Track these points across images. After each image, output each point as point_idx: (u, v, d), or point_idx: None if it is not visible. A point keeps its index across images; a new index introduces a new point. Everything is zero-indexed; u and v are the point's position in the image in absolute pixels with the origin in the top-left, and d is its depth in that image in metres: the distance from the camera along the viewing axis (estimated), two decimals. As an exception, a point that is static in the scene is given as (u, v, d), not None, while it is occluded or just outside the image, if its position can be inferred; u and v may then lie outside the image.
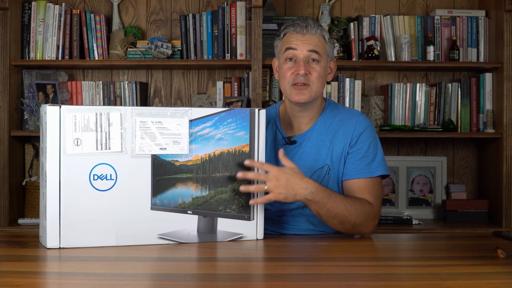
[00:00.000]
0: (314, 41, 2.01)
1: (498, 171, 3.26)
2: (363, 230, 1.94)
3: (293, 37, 2.02)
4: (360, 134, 2.02)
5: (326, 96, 3.29)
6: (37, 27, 3.30)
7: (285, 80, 2.03)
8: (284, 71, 2.03)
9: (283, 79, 2.04)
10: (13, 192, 3.24)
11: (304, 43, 2.00)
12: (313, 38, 2.01)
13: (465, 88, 3.37)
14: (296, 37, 2.01)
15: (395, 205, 3.49)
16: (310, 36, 2.01)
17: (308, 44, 2.00)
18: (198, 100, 3.48)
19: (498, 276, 1.46)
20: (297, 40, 2.01)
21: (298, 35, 2.01)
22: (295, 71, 2.00)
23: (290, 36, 2.03)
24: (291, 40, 2.02)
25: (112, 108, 1.74)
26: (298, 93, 2.01)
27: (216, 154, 1.82)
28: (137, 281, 1.42)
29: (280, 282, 1.42)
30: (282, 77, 2.04)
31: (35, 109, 3.28)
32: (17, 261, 1.60)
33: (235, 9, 3.32)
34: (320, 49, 2.01)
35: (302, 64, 1.99)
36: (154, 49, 3.28)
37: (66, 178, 1.69)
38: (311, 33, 2.01)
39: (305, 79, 1.99)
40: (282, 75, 2.04)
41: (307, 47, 2.00)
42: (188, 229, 1.81)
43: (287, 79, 2.02)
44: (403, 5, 3.54)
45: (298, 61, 2.00)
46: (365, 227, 1.94)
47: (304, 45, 2.00)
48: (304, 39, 2.00)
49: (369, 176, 1.99)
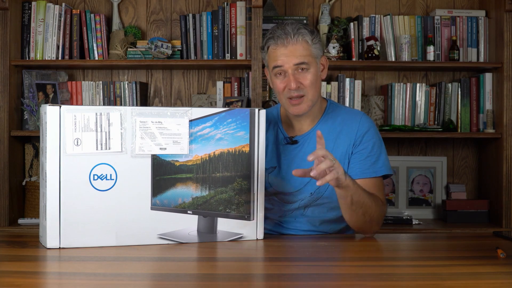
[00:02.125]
0: (298, 51, 1.96)
1: (498, 171, 3.26)
2: (374, 227, 1.94)
3: (277, 51, 1.97)
4: (364, 134, 2.02)
5: (326, 96, 3.29)
6: (37, 27, 3.30)
7: (279, 94, 2.02)
8: (277, 86, 2.01)
9: (277, 93, 2.03)
10: (13, 192, 3.24)
11: (289, 57, 1.95)
12: (297, 48, 1.96)
13: (465, 88, 3.37)
14: (279, 51, 1.96)
15: (395, 205, 3.49)
16: (292, 46, 1.95)
17: (292, 57, 1.95)
18: (198, 100, 3.48)
19: (498, 276, 1.46)
20: (282, 55, 1.96)
21: (281, 48, 1.96)
22: (287, 86, 1.98)
23: (273, 51, 1.98)
24: (276, 56, 1.97)
25: (112, 108, 1.74)
26: (296, 108, 1.99)
27: (216, 154, 1.82)
28: (137, 281, 1.43)
29: (280, 282, 1.42)
30: (276, 91, 2.03)
31: (35, 109, 3.28)
32: (17, 261, 1.60)
33: (235, 9, 3.32)
34: (306, 57, 1.96)
35: (292, 79, 1.96)
36: (154, 49, 3.28)
37: (66, 178, 1.69)
38: (293, 42, 1.95)
39: (298, 91, 1.97)
40: (275, 89, 2.03)
41: (293, 60, 1.95)
42: (188, 229, 1.81)
43: (281, 93, 2.01)
44: (403, 5, 3.54)
45: (287, 75, 1.97)
46: (376, 224, 1.94)
47: (289, 59, 1.96)
48: (287, 51, 1.95)
49: (374, 176, 1.99)
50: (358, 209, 1.87)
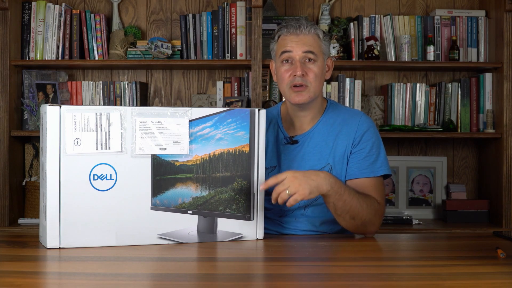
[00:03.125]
0: (308, 41, 2.00)
1: (498, 171, 3.26)
2: (370, 228, 1.94)
3: (288, 39, 2.01)
4: (363, 134, 2.02)
5: (326, 96, 3.29)
6: (37, 27, 3.30)
7: (283, 82, 2.03)
8: (281, 73, 2.03)
9: (281, 81, 2.04)
10: (13, 192, 3.24)
11: (299, 44, 2.00)
12: (308, 38, 2.01)
13: (465, 88, 3.37)
14: (290, 38, 2.01)
15: (395, 205, 3.49)
16: (304, 36, 2.00)
17: (302, 45, 2.00)
18: (198, 100, 3.48)
19: (498, 276, 1.46)
20: (292, 42, 2.00)
21: (292, 36, 2.01)
22: (292, 72, 2.00)
23: (284, 38, 2.03)
24: (286, 43, 2.01)
25: (112, 108, 1.74)
26: (297, 95, 2.01)
27: (216, 154, 1.82)
28: (137, 281, 1.42)
29: (280, 282, 1.42)
30: (280, 80, 2.04)
31: (35, 109, 3.28)
32: (17, 261, 1.60)
33: (235, 9, 3.32)
34: (315, 49, 2.01)
35: (298, 65, 1.99)
36: (154, 49, 3.28)
37: (66, 178, 1.69)
38: (305, 33, 2.00)
39: (303, 80, 1.99)
40: (280, 78, 2.05)
41: (302, 48, 2.00)
42: (188, 229, 1.81)
43: (285, 81, 2.02)
44: (403, 5, 3.54)
45: (294, 62, 2.00)
46: (372, 225, 1.94)
47: (299, 46, 2.00)
48: (298, 40, 2.00)
49: (372, 176, 1.99)
50: (345, 214, 1.88)
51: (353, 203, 1.87)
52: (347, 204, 1.86)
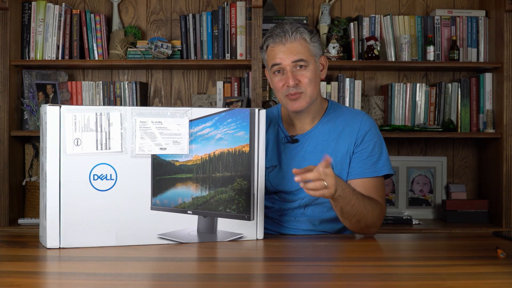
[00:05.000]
0: (296, 48, 1.98)
1: (498, 171, 3.26)
2: (372, 230, 1.95)
3: (276, 49, 1.99)
4: (365, 134, 2.02)
5: (326, 96, 3.29)
6: (37, 27, 3.30)
7: (278, 92, 2.04)
8: (275, 84, 2.03)
9: (276, 91, 2.05)
10: (13, 192, 3.24)
11: (287, 54, 1.97)
12: (295, 45, 1.98)
13: (465, 88, 3.37)
14: (278, 49, 1.99)
15: (395, 205, 3.49)
16: (291, 44, 1.98)
17: (290, 54, 1.97)
18: (198, 100, 3.48)
19: (498, 276, 1.46)
20: (280, 53, 1.98)
21: (279, 46, 1.98)
22: (285, 83, 1.99)
23: (272, 50, 2.00)
24: (275, 54, 1.99)
25: (112, 108, 1.74)
26: (294, 103, 2.00)
27: (216, 154, 1.82)
28: (137, 281, 1.43)
29: (280, 282, 1.42)
30: (275, 89, 2.05)
31: (35, 109, 3.28)
32: (17, 261, 1.60)
33: (235, 9, 3.32)
34: (304, 55, 1.98)
35: (290, 76, 1.97)
36: (154, 49, 3.28)
37: (66, 178, 1.69)
38: (291, 40, 1.98)
39: (297, 88, 1.98)
40: (274, 88, 2.05)
41: (291, 57, 1.97)
42: (188, 229, 1.81)
43: (280, 91, 2.02)
44: (403, 5, 3.54)
45: (285, 72, 1.99)
46: (374, 227, 1.94)
47: (287, 56, 1.97)
48: (286, 49, 1.98)
49: (374, 176, 1.99)
50: (351, 218, 1.88)
51: (360, 207, 1.86)
52: (355, 208, 1.85)
